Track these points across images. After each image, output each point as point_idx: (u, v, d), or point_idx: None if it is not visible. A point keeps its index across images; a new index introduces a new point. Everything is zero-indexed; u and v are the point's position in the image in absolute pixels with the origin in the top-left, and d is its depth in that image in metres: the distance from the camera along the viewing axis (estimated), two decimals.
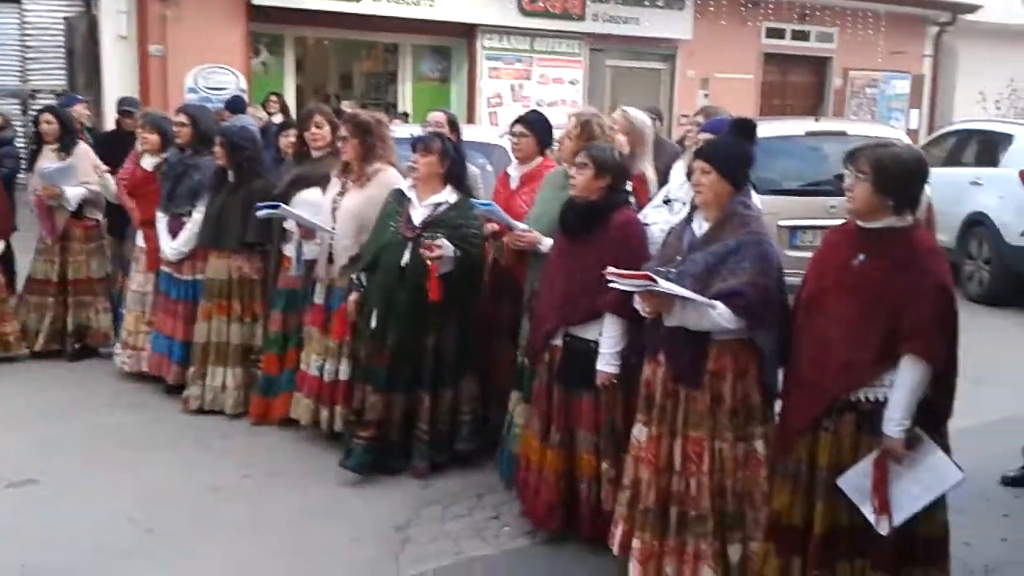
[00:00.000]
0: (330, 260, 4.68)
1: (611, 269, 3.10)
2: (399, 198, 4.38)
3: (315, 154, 5.04)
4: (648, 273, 3.05)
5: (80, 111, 7.19)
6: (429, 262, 4.08)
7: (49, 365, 6.00)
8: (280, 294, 4.98)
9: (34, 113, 12.04)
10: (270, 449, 4.70)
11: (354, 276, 4.46)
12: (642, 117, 4.70)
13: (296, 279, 4.89)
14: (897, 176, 2.88)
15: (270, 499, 4.15)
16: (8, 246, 6.24)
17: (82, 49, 10.67)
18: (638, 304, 3.23)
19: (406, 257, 4.20)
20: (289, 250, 4.91)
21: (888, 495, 2.83)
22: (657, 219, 3.86)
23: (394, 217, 4.33)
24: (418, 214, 4.28)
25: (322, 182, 4.86)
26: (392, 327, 4.24)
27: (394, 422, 4.30)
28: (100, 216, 6.17)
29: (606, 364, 3.49)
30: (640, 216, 3.84)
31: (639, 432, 3.28)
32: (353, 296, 4.43)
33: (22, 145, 9.26)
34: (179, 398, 5.23)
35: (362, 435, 4.29)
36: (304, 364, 4.74)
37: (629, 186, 3.88)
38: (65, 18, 11.89)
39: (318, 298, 4.74)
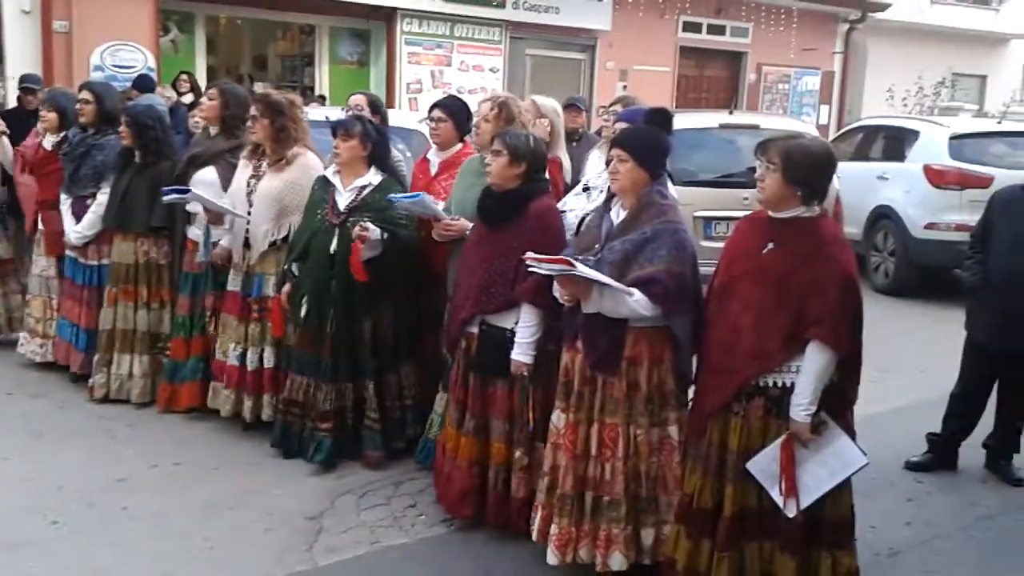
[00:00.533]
0: (247, 245, 4.55)
1: (530, 254, 3.10)
2: (324, 184, 4.30)
3: (211, 131, 4.92)
4: (567, 259, 3.06)
5: None
6: (355, 243, 4.02)
7: None
8: (187, 278, 4.85)
9: None
10: (178, 439, 4.58)
11: (284, 266, 4.36)
12: (551, 104, 4.73)
13: (202, 264, 4.76)
14: (806, 167, 2.96)
15: (178, 490, 4.04)
16: None
17: None
18: (556, 291, 3.24)
19: (335, 244, 4.13)
20: (194, 234, 4.78)
21: (795, 478, 2.92)
22: (575, 207, 3.89)
23: (321, 205, 4.25)
24: (343, 199, 4.21)
25: (216, 160, 4.75)
26: (326, 315, 4.16)
27: (347, 410, 4.24)
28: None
29: (522, 354, 3.49)
30: (558, 204, 3.85)
31: (557, 419, 3.30)
32: (286, 287, 4.32)
33: None
34: (85, 387, 5.05)
35: (323, 427, 4.22)
36: (221, 353, 4.63)
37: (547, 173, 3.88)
38: None
39: (232, 285, 4.61)
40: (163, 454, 4.37)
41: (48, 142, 5.43)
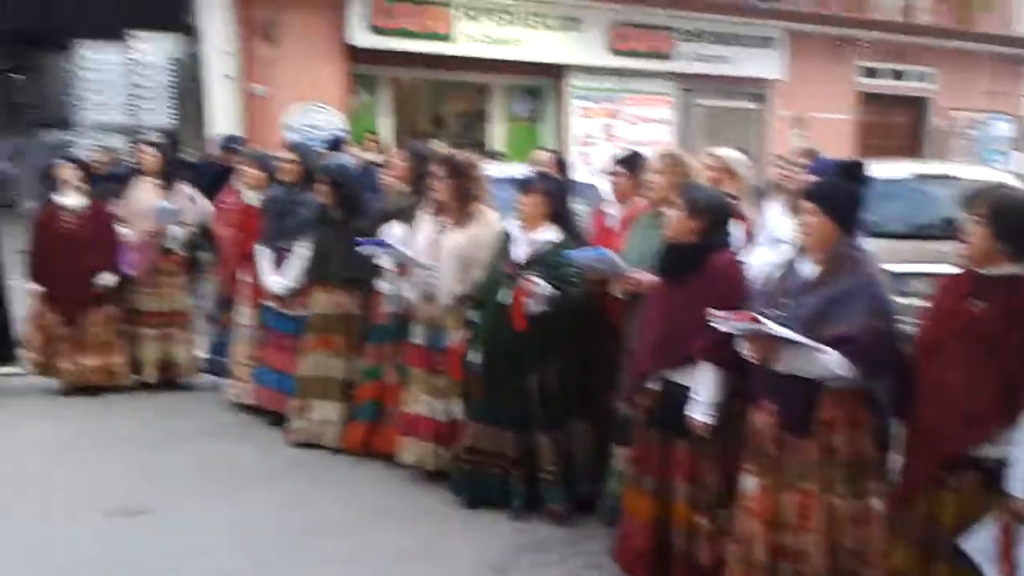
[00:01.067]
0: (429, 299, 4.73)
1: (714, 311, 3.05)
2: (507, 237, 4.44)
3: (400, 189, 5.16)
4: (753, 314, 3.00)
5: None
6: (523, 298, 4.11)
7: (153, 395, 6.21)
8: (374, 329, 5.07)
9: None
10: (373, 485, 4.75)
11: (467, 314, 4.51)
12: (736, 156, 4.66)
13: (388, 315, 4.96)
14: (1016, 221, 2.80)
15: (372, 535, 4.18)
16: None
17: (188, 88, 11.14)
18: (743, 348, 3.17)
19: (506, 294, 4.23)
20: (383, 286, 5.00)
21: (1016, 560, 2.71)
22: (760, 261, 3.81)
23: (501, 256, 4.38)
24: (521, 252, 4.32)
25: (405, 217, 4.95)
26: (495, 364, 4.27)
27: (507, 458, 4.31)
28: (184, 252, 6.41)
29: (700, 413, 3.43)
30: (742, 258, 3.79)
31: (748, 483, 3.20)
32: (464, 334, 4.48)
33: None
34: (283, 430, 5.35)
35: (467, 460, 4.34)
36: (411, 406, 4.75)
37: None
38: (172, 57, 12.46)
39: (418, 338, 4.77)
40: (359, 499, 4.55)
41: (252, 198, 5.85)
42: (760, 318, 2.96)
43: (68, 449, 5.19)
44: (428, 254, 4.69)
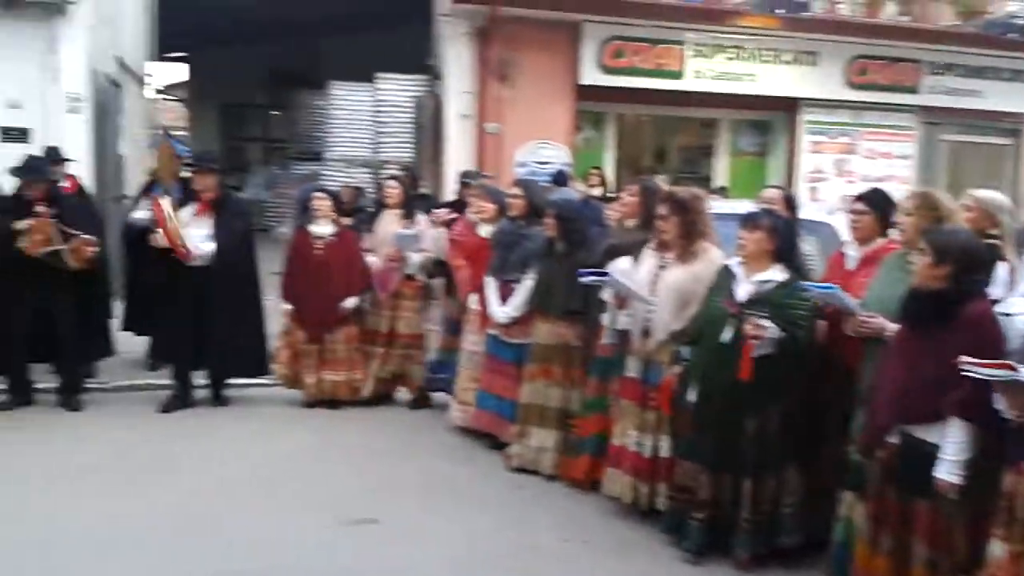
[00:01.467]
0: (646, 333, 4.72)
1: (966, 357, 2.85)
2: (727, 273, 4.35)
3: (628, 224, 5.18)
4: (1011, 364, 2.77)
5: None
6: (748, 341, 4.00)
7: (380, 410, 6.58)
8: (595, 361, 5.11)
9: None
10: (587, 515, 4.78)
11: (678, 349, 4.47)
12: (997, 198, 4.31)
13: (609, 347, 4.99)
14: None
15: (585, 566, 4.21)
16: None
17: (428, 125, 11.82)
18: (999, 403, 2.93)
19: (728, 334, 4.15)
20: (604, 319, 5.03)
21: None
22: (1020, 310, 3.50)
23: (720, 293, 4.30)
24: (743, 291, 4.22)
25: (631, 251, 4.96)
26: (712, 405, 4.19)
27: (724, 502, 4.22)
28: (425, 278, 6.73)
29: (948, 473, 3.19)
30: (1000, 307, 3.50)
31: (996, 550, 2.95)
32: (675, 369, 4.44)
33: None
34: (502, 454, 5.51)
35: (697, 516, 4.26)
36: (619, 438, 4.77)
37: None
38: (414, 97, 13.27)
39: (632, 371, 4.77)
40: (573, 528, 4.60)
41: (484, 231, 6.10)
42: (1016, 366, 2.73)
43: (309, 457, 5.60)
44: (649, 289, 4.69)
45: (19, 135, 8.55)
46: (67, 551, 4.15)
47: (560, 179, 9.00)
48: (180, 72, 21.71)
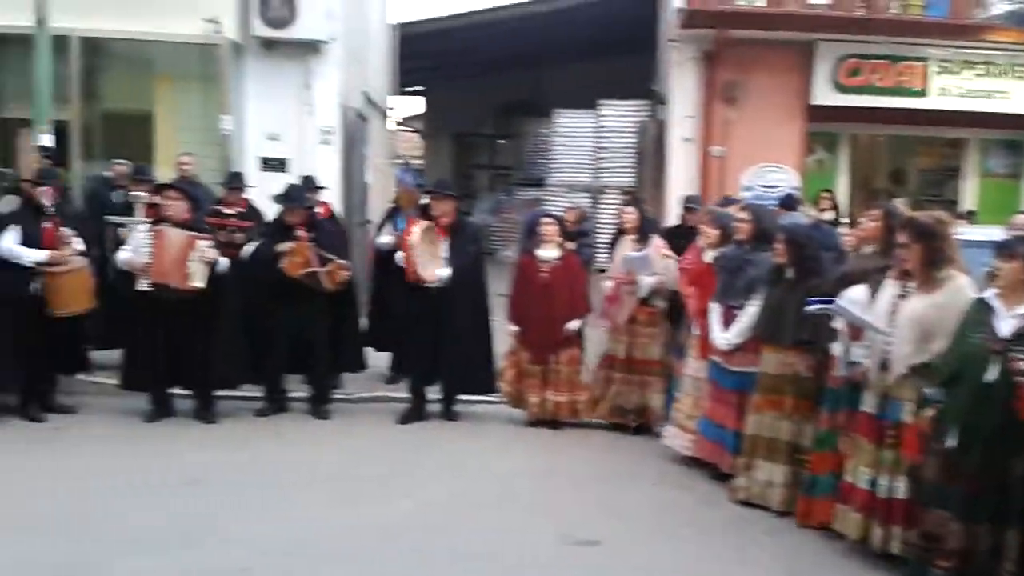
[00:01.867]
0: (884, 366, 4.48)
1: None
2: (982, 307, 4.05)
3: (865, 250, 4.94)
4: None
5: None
6: (1018, 379, 3.70)
7: (600, 433, 6.64)
8: (828, 393, 4.90)
9: (605, 207, 13.66)
10: (814, 555, 4.60)
11: (928, 391, 4.20)
12: None
13: (841, 379, 4.77)
14: None
15: None
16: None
17: (650, 150, 11.84)
18: None
19: (993, 373, 3.85)
20: (836, 349, 4.82)
21: None
22: None
23: (976, 327, 4.00)
24: (1005, 325, 3.91)
25: (867, 279, 4.72)
26: (974, 449, 3.90)
27: (979, 554, 3.92)
28: (662, 303, 6.71)
29: None
30: None
31: None
32: (928, 412, 4.18)
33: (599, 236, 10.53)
34: (725, 485, 5.41)
35: (942, 565, 3.99)
36: (851, 475, 4.56)
37: None
38: (637, 122, 13.34)
39: (868, 406, 4.53)
40: (797, 569, 4.43)
41: (709, 256, 6.03)
42: None
43: (533, 476, 5.76)
44: (887, 319, 4.45)
45: (277, 165, 9.42)
46: (314, 554, 4.48)
47: (789, 203, 8.71)
48: (417, 105, 23.09)
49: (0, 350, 6.20)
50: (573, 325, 6.68)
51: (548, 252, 6.77)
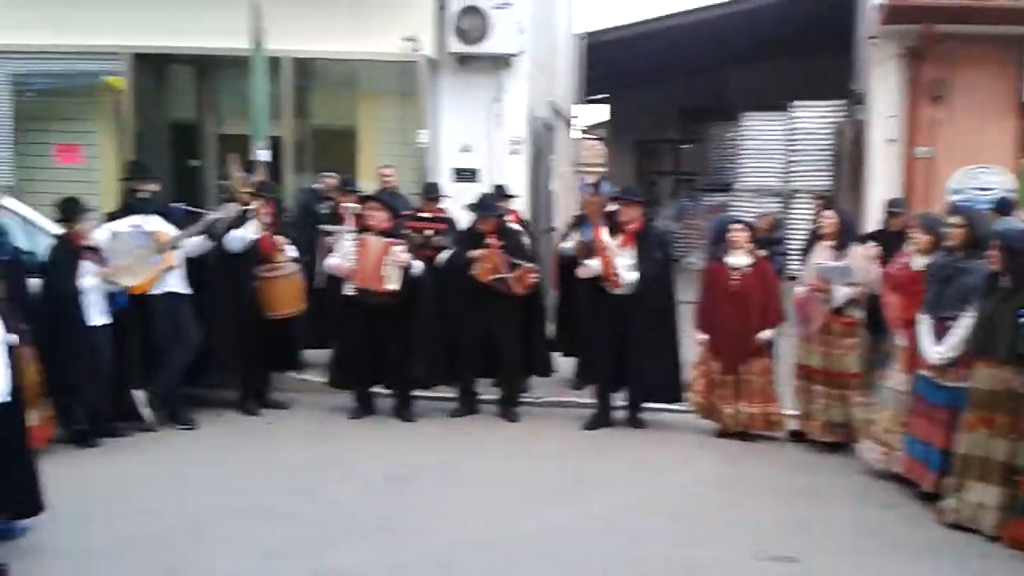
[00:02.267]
0: None
1: None
2: None
3: None
4: None
5: None
6: None
7: (797, 447, 6.44)
8: None
9: (796, 211, 13.23)
10: None
11: None
12: None
13: None
14: None
15: None
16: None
17: (848, 152, 11.34)
18: None
19: None
20: None
21: None
22: None
23: None
24: None
25: None
26: None
27: None
28: (859, 313, 6.42)
29: None
30: None
31: None
32: None
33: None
34: (931, 505, 5.13)
35: None
36: None
37: None
38: (832, 123, 12.83)
39: None
40: None
41: (917, 263, 5.71)
42: None
43: (723, 487, 5.66)
44: None
45: (469, 175, 9.74)
46: (507, 554, 4.60)
47: (1004, 207, 8.11)
48: (601, 113, 23.21)
49: (222, 349, 6.76)
50: (765, 335, 6.51)
51: (739, 259, 6.63)
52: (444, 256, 7.13)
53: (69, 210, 6.06)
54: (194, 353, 6.57)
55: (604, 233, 6.63)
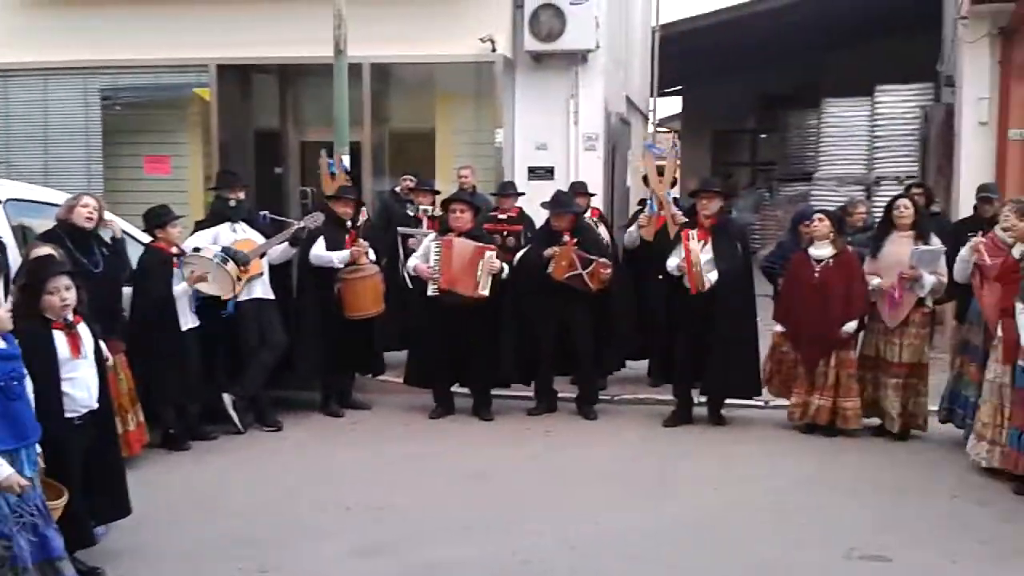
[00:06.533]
0: None
1: None
2: None
3: None
4: None
5: None
6: None
7: (878, 441, 6.32)
8: None
9: (881, 199, 12.80)
10: None
11: None
12: None
13: None
14: None
15: None
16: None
17: (936, 136, 10.93)
18: None
19: None
20: None
21: None
22: None
23: None
24: None
25: None
26: None
27: None
28: (932, 304, 6.26)
29: None
30: None
31: None
32: None
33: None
34: None
35: None
36: None
37: None
38: (920, 107, 12.38)
39: None
40: None
41: (1017, 251, 5.49)
42: None
43: (810, 485, 5.53)
44: None
45: (545, 173, 9.73)
46: (590, 552, 4.57)
47: None
48: (675, 105, 22.94)
49: (304, 350, 6.89)
50: (850, 327, 6.34)
51: (822, 251, 6.46)
52: (519, 255, 7.12)
53: (156, 218, 6.24)
54: (280, 357, 6.71)
55: (692, 239, 6.50)
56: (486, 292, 6.61)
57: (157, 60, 9.74)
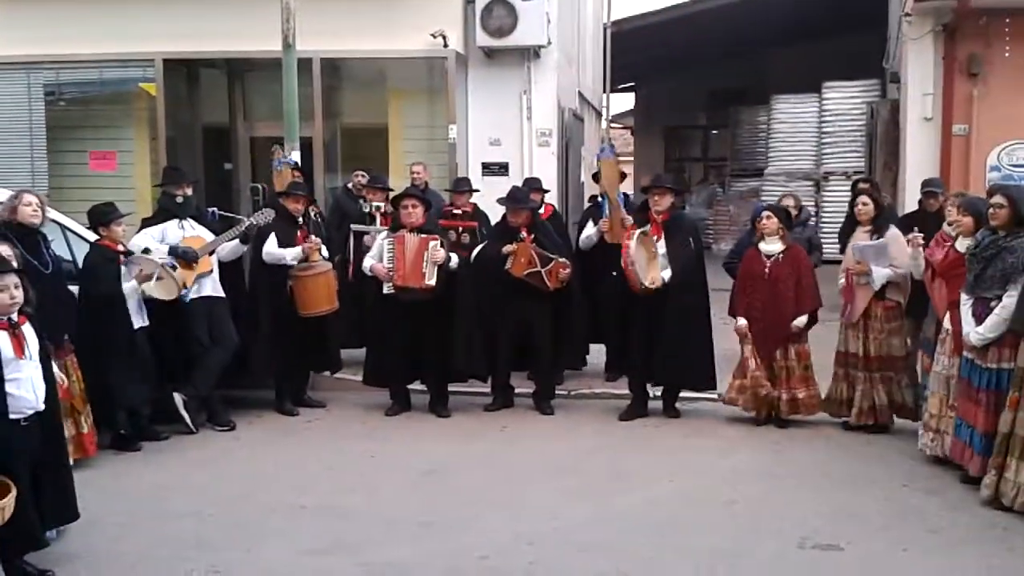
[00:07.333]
0: None
1: None
2: None
3: None
4: None
5: None
6: None
7: (830, 432, 6.39)
8: None
9: (829, 194, 13.08)
10: None
11: None
12: None
13: None
14: None
15: None
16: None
17: (882, 132, 11.17)
18: None
19: None
20: None
21: None
22: None
23: None
24: None
25: None
26: None
27: None
28: (901, 298, 6.32)
29: None
30: None
31: None
32: None
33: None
34: (976, 490, 5.05)
35: None
36: None
37: None
38: (867, 103, 12.64)
39: None
40: None
41: (961, 245, 5.61)
42: None
43: (763, 476, 5.60)
44: None
45: (499, 169, 9.72)
46: (548, 545, 4.58)
47: None
48: (628, 101, 23.10)
49: (258, 348, 6.79)
50: (800, 321, 6.43)
51: (771, 246, 6.55)
52: (476, 251, 7.10)
53: (101, 216, 6.11)
54: (232, 355, 6.61)
55: (630, 243, 6.51)
56: (432, 282, 6.58)
57: (102, 54, 9.53)
